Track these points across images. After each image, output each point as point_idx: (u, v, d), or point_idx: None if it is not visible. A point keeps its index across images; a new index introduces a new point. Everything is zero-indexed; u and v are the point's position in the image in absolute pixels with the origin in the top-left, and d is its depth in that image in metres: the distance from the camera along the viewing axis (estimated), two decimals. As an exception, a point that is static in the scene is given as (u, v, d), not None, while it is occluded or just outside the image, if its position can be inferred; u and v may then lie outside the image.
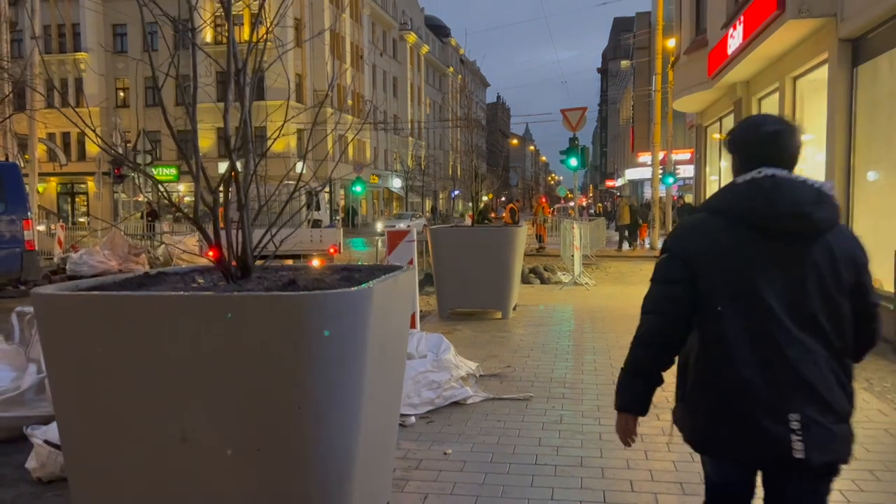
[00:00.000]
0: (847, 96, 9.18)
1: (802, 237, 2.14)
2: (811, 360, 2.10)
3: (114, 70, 44.04)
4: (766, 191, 2.15)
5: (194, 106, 2.92)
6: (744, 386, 2.11)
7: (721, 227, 2.21)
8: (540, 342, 8.02)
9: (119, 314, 2.62)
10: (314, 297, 2.57)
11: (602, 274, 16.18)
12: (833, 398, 2.11)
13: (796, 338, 2.10)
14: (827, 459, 2.10)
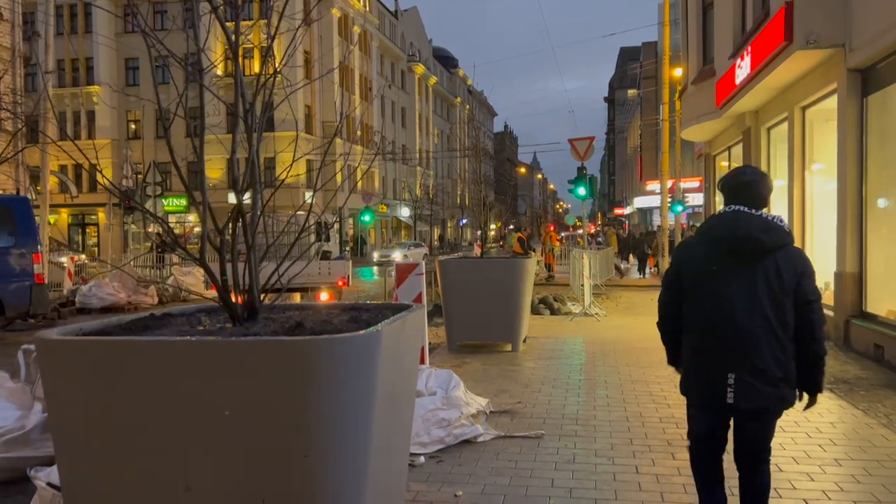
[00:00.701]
0: (857, 126, 9.13)
1: (754, 253, 3.16)
2: (753, 339, 3.12)
3: (126, 102, 44.59)
4: (729, 221, 3.23)
5: (201, 147, 2.89)
6: (705, 351, 3.24)
7: (702, 245, 3.33)
8: (551, 376, 7.91)
9: (122, 360, 2.56)
10: (321, 342, 2.51)
11: (612, 304, 16.05)
12: (766, 367, 3.12)
13: (744, 323, 3.13)
14: (750, 406, 3.16)
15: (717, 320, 3.18)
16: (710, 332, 3.21)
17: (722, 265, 3.21)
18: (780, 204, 13.08)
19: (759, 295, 3.13)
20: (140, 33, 3.14)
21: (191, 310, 3.58)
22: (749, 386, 3.13)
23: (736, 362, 3.14)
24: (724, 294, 3.17)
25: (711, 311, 3.20)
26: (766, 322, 3.11)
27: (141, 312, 3.35)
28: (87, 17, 46.11)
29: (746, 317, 3.12)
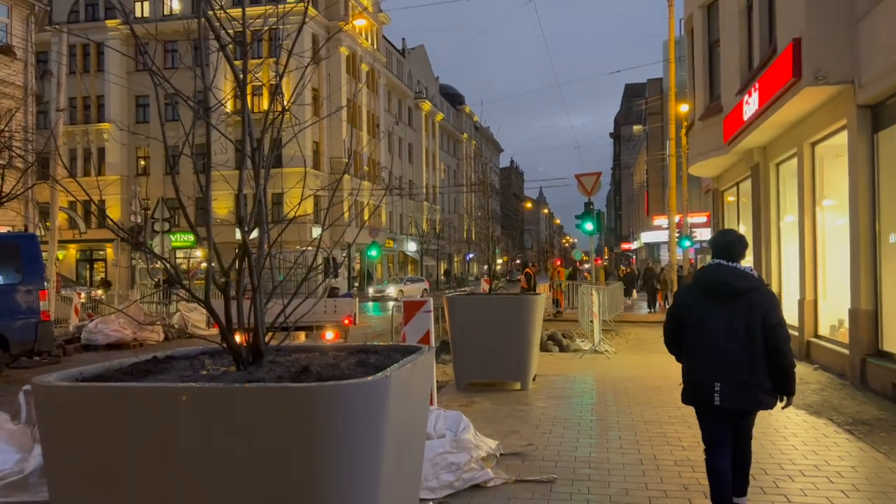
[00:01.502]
0: (868, 163, 9.07)
1: (730, 295, 4.23)
2: (729, 357, 4.15)
3: (135, 139, 45.08)
4: (712, 272, 4.38)
5: (208, 185, 2.83)
6: (697, 369, 4.30)
7: (694, 288, 4.48)
8: (562, 416, 7.74)
9: (122, 407, 2.47)
10: (328, 389, 2.41)
11: (622, 341, 15.86)
12: (740, 377, 4.13)
13: (725, 346, 4.17)
14: (734, 407, 4.18)
15: (706, 344, 4.26)
16: (700, 353, 4.30)
17: (708, 303, 4.32)
18: (790, 240, 12.98)
19: (735, 325, 4.18)
20: (148, 72, 3.11)
21: (194, 352, 3.49)
22: (731, 392, 4.17)
23: (720, 375, 4.19)
24: (709, 325, 4.27)
25: (700, 338, 4.30)
26: (741, 345, 4.16)
27: (143, 355, 3.26)
28: (99, 56, 46.86)
29: (726, 341, 4.19)
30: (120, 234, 3.38)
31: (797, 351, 11.82)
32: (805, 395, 8.74)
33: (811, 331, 11.43)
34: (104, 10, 46.92)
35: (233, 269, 3.06)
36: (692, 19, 16.78)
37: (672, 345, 4.59)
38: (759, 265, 14.10)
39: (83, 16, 46.87)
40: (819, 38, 9.13)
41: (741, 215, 16.63)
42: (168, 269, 3.55)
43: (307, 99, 38.55)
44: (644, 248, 57.99)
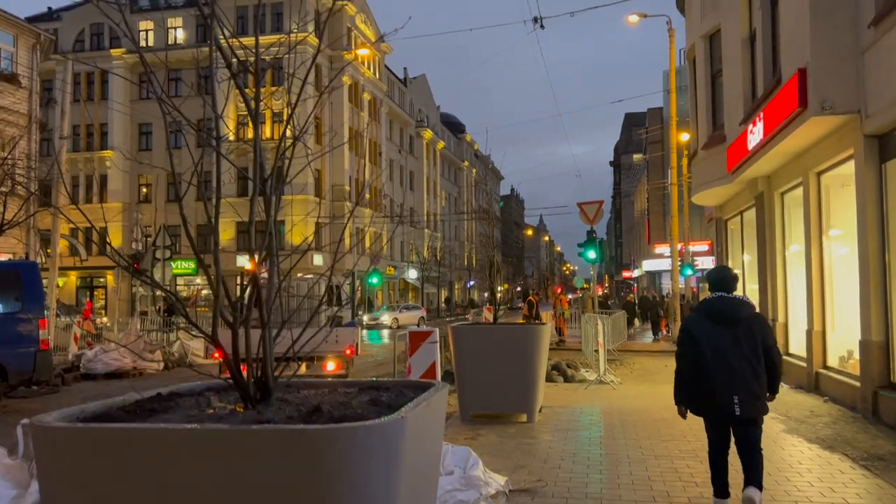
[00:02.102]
0: (877, 193, 9.01)
1: (733, 321, 5.01)
2: (742, 373, 4.89)
3: (137, 167, 45.24)
4: (715, 303, 5.17)
5: (217, 218, 2.75)
6: (712, 384, 4.95)
7: (702, 317, 5.19)
8: (570, 450, 7.58)
9: (126, 449, 2.36)
10: (342, 431, 2.30)
11: (627, 371, 15.68)
12: (752, 390, 4.90)
13: (734, 364, 4.92)
14: (749, 415, 4.92)
15: (720, 364, 4.98)
16: (716, 371, 4.99)
17: (716, 328, 5.08)
18: (796, 269, 12.89)
19: (741, 346, 5.01)
20: (156, 100, 3.05)
21: (199, 388, 3.37)
22: (746, 402, 4.94)
23: (737, 388, 4.94)
24: (720, 347, 5.02)
25: (713, 358, 5.01)
26: (748, 363, 4.98)
27: (146, 391, 3.15)
28: (103, 84, 47.23)
29: (736, 360, 4.98)
30: (120, 261, 3.29)
31: (805, 382, 11.66)
32: (817, 429, 8.58)
33: (820, 362, 11.28)
34: (109, 39, 47.40)
35: (241, 302, 2.96)
36: (694, 49, 16.87)
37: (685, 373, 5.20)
38: (765, 294, 13.99)
39: (88, 45, 47.33)
40: (825, 68, 9.13)
41: (745, 244, 16.55)
42: (171, 300, 3.45)
43: (310, 128, 38.82)
44: (646, 276, 57.85)
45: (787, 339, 13.27)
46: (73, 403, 10.29)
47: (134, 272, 23.81)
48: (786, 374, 12.86)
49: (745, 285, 16.65)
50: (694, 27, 16.84)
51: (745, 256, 16.64)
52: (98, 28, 47.62)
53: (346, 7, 46.39)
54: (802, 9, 9.62)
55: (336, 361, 12.07)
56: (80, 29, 47.46)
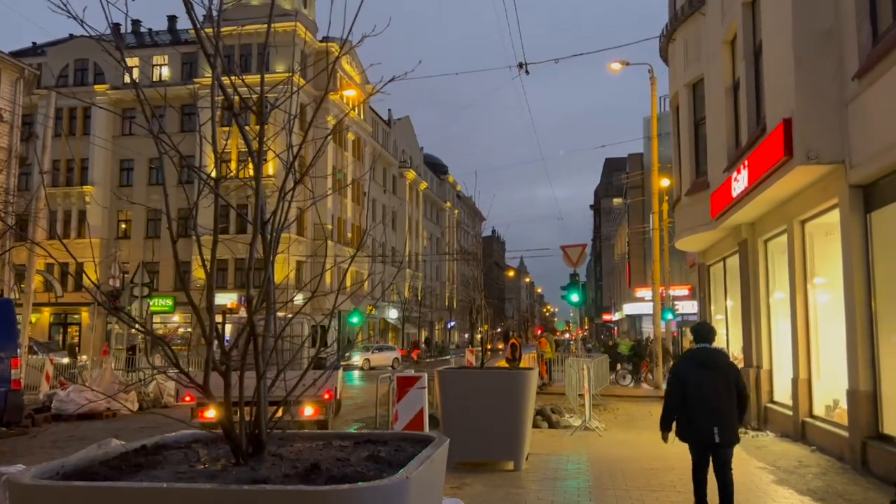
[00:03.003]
0: (862, 243, 9.07)
1: (712, 366, 6.47)
2: (720, 409, 6.31)
3: (117, 202, 44.88)
4: (699, 352, 6.66)
5: (213, 262, 2.63)
6: (697, 417, 6.33)
7: (690, 363, 6.66)
8: (559, 501, 7.40)
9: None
10: (345, 493, 2.16)
11: (611, 416, 15.51)
12: (729, 422, 6.32)
13: (713, 403, 6.32)
14: (726, 441, 6.30)
15: (703, 401, 6.38)
16: (699, 406, 6.39)
17: (700, 371, 6.52)
18: (780, 317, 12.92)
19: (719, 386, 6.41)
20: (151, 136, 2.95)
21: (186, 439, 3.21)
22: (724, 431, 6.32)
23: (717, 421, 6.32)
24: (704, 387, 6.41)
25: (698, 396, 6.40)
26: (726, 400, 6.41)
27: (129, 444, 2.98)
28: (86, 119, 47.07)
29: (717, 399, 6.38)
30: (98, 297, 3.15)
31: (792, 431, 11.58)
32: (808, 480, 8.47)
33: (806, 410, 11.21)
34: (93, 74, 47.42)
35: (236, 350, 2.83)
36: (678, 97, 17.15)
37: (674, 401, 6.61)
38: (749, 341, 13.98)
39: (72, 80, 47.27)
40: (810, 118, 9.26)
41: (728, 290, 16.61)
42: (157, 341, 3.30)
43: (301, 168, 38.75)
44: (626, 319, 57.96)
45: (772, 386, 13.22)
46: (44, 446, 9.92)
47: (111, 309, 23.36)
48: (771, 422, 12.80)
49: (729, 331, 16.67)
50: (677, 76, 17.15)
51: (729, 302, 16.68)
52: (82, 64, 47.65)
53: (332, 48, 46.90)
54: (787, 60, 9.80)
55: (314, 406, 11.59)
56: (64, 64, 47.44)
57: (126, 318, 3.35)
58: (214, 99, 2.60)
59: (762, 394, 13.27)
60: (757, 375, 13.40)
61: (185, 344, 33.50)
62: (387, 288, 48.94)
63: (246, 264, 2.66)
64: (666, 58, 18.28)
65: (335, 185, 46.42)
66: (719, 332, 17.93)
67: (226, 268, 41.63)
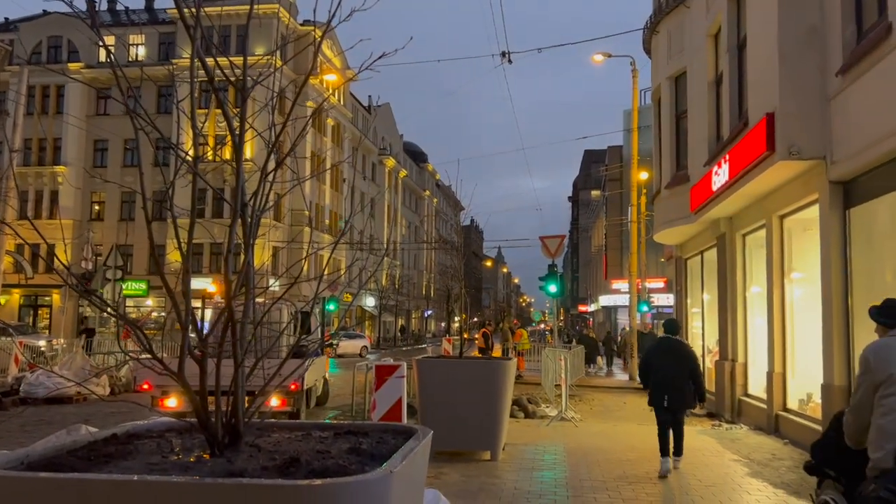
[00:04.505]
0: (841, 239, 9.13)
1: (674, 353, 8.60)
2: (674, 384, 8.48)
3: (90, 183, 44.07)
4: (665, 341, 8.90)
5: (190, 244, 2.52)
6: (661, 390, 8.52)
7: (658, 350, 8.91)
8: (536, 491, 7.37)
9: (79, 502, 2.08)
10: (326, 488, 2.07)
11: (587, 407, 15.59)
12: (678, 394, 8.48)
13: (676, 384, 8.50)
14: (674, 408, 8.56)
15: (665, 380, 8.43)
16: (663, 383, 8.45)
17: (665, 356, 8.51)
18: (756, 311, 13.02)
19: (678, 368, 8.40)
20: (128, 115, 2.81)
21: (159, 428, 3.09)
22: (675, 399, 8.40)
23: (669, 392, 8.38)
24: (666, 369, 8.42)
25: (662, 376, 8.44)
26: (679, 379, 8.38)
27: (99, 432, 2.87)
28: (59, 98, 46.10)
29: (676, 378, 8.41)
30: (69, 280, 3.01)
31: (765, 424, 11.69)
32: (781, 473, 8.54)
33: (780, 404, 11.32)
34: (67, 52, 46.39)
35: (212, 336, 2.72)
36: (660, 90, 17.15)
37: (644, 377, 9.07)
38: (725, 335, 14.09)
39: (45, 57, 46.20)
40: (792, 113, 9.28)
41: (705, 283, 16.72)
42: (130, 326, 3.17)
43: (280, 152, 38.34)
44: (602, 310, 58.33)
45: (747, 380, 13.34)
46: (11, 430, 9.65)
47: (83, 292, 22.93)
48: (745, 415, 12.92)
49: (705, 325, 16.80)
50: (660, 68, 17.14)
51: (705, 296, 16.80)
52: (56, 41, 46.59)
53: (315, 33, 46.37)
54: (771, 54, 9.80)
55: (280, 398, 11.16)
56: (37, 41, 46.33)
57: (98, 301, 3.21)
58: (194, 71, 2.47)
59: (737, 387, 13.39)
60: (732, 369, 13.51)
61: (158, 328, 33.07)
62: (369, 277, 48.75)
63: (224, 247, 2.55)
64: (649, 50, 18.27)
65: (314, 169, 46.02)
66: (695, 325, 18.13)
67: (201, 252, 41.15)
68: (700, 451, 9.96)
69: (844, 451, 4.20)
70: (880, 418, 3.84)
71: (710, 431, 11.97)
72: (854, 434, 4.10)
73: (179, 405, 10.35)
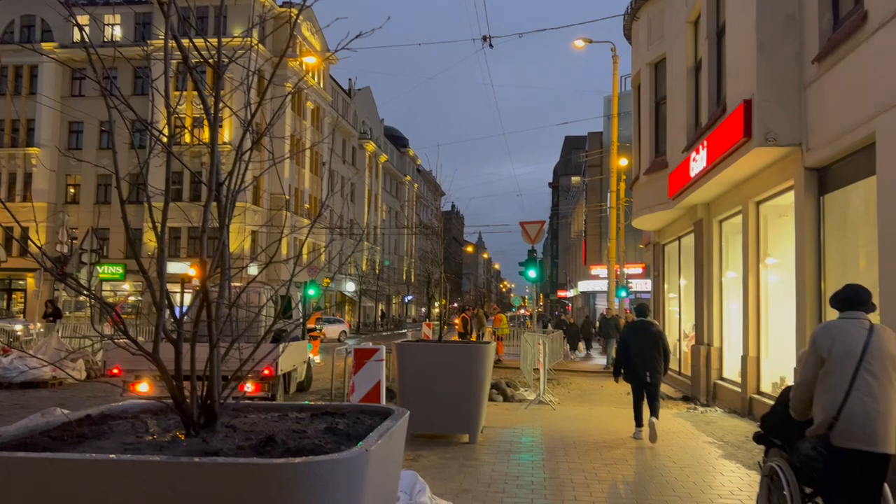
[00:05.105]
0: (815, 224, 9.25)
1: (646, 332, 9.61)
2: (651, 359, 9.45)
3: (66, 166, 43.38)
4: (637, 323, 9.90)
5: (164, 224, 2.49)
6: (634, 365, 9.52)
7: (632, 330, 9.86)
8: (513, 473, 7.44)
9: (51, 483, 2.07)
10: (302, 467, 2.08)
11: (564, 391, 15.72)
12: (655, 369, 9.45)
13: (648, 354, 9.47)
14: (654, 381, 9.46)
15: (640, 356, 9.43)
16: (637, 359, 9.44)
17: (639, 337, 9.54)
18: (732, 296, 13.18)
19: (650, 346, 9.43)
20: (101, 95, 2.77)
21: (134, 409, 3.08)
22: (652, 375, 9.38)
23: (648, 368, 9.37)
24: (639, 347, 9.47)
25: (636, 353, 9.45)
26: (656, 355, 9.43)
27: (73, 413, 2.85)
28: (32, 78, 45.23)
29: (649, 355, 9.41)
30: (43, 262, 2.98)
31: (739, 407, 11.88)
32: (754, 455, 8.67)
33: (754, 387, 11.50)
34: (41, 31, 45.48)
35: (187, 317, 2.71)
36: (639, 76, 17.21)
37: (622, 355, 9.77)
38: (701, 319, 14.26)
39: (18, 36, 45.26)
40: (769, 100, 9.36)
41: (682, 269, 16.88)
42: (105, 308, 3.14)
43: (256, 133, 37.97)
44: (581, 296, 58.70)
45: (722, 364, 13.52)
46: (-16, 416, 9.37)
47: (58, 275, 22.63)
48: (720, 398, 13.11)
49: (682, 310, 16.99)
50: (640, 54, 17.19)
51: (682, 281, 16.97)
52: (29, 20, 45.64)
53: (292, 13, 45.82)
54: (748, 42, 9.86)
55: (254, 383, 11.00)
56: (9, 20, 45.37)
57: (74, 284, 3.18)
58: (168, 48, 2.44)
59: (712, 371, 13.58)
60: (707, 353, 13.69)
61: (135, 312, 32.77)
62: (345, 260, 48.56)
63: (200, 227, 2.53)
64: (630, 36, 18.30)
65: (293, 151, 45.67)
66: (672, 310, 18.32)
67: (179, 236, 40.77)
68: (675, 433, 10.11)
69: (789, 422, 4.61)
70: (822, 393, 4.24)
71: (685, 414, 12.15)
72: (799, 406, 4.49)
73: (151, 390, 10.24)
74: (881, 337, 4.24)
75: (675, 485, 7.16)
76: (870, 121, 7.50)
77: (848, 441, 4.10)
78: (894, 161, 7.09)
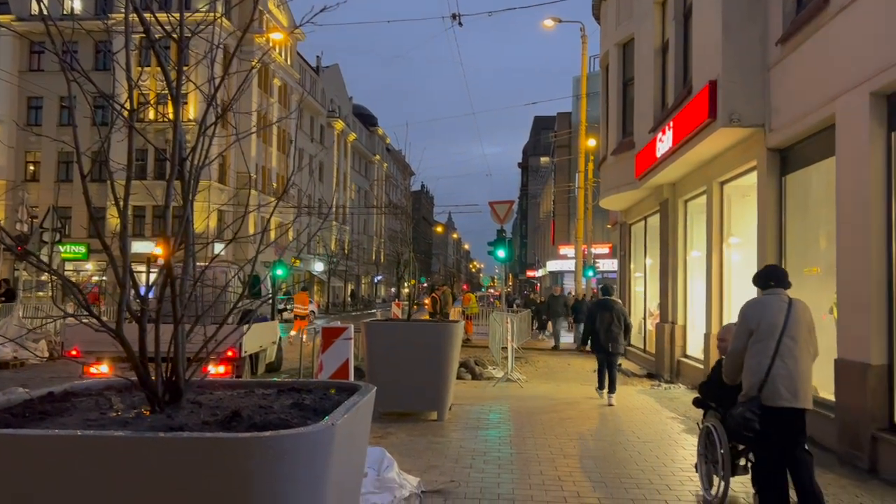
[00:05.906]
0: (777, 204, 9.44)
1: (610, 309, 11.19)
2: (614, 333, 11.02)
3: (25, 142, 42.27)
4: (604, 301, 11.48)
5: (126, 199, 2.47)
6: (599, 337, 11.13)
7: (597, 307, 11.50)
8: (481, 449, 7.54)
9: (12, 460, 2.06)
10: (267, 440, 2.09)
11: (532, 369, 15.90)
12: (617, 341, 11.05)
13: (611, 331, 11.02)
14: (614, 352, 11.07)
15: (604, 329, 11.02)
16: (602, 332, 11.02)
17: (603, 313, 11.12)
18: (696, 274, 13.42)
19: (613, 320, 11.01)
20: (62, 70, 2.72)
21: (98, 386, 3.06)
22: (614, 345, 10.99)
23: (610, 340, 10.97)
24: (603, 321, 11.05)
25: (601, 326, 11.04)
26: (616, 329, 11.00)
27: (36, 390, 2.82)
28: (-12, 52, 43.84)
29: (611, 328, 10.99)
30: (3, 241, 2.93)
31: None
32: (715, 429, 8.91)
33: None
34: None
35: (150, 294, 2.69)
36: (608, 56, 17.27)
37: (588, 329, 11.31)
38: (665, 298, 14.49)
39: (-28, 8, 43.74)
40: (734, 81, 9.49)
41: (648, 248, 17.11)
42: (68, 285, 3.10)
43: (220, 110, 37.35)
44: (549, 276, 59.19)
45: (686, 341, 13.78)
46: (-57, 397, 9.17)
47: (19, 254, 22.16)
48: (683, 375, 13.38)
49: (647, 289, 17.24)
50: (609, 35, 17.24)
51: (648, 260, 17.21)
52: (-16, -9, 44.11)
53: (259, -11, 44.94)
54: (715, 23, 9.96)
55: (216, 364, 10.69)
56: (-37, -10, 43.81)
57: (35, 262, 3.12)
58: (129, 20, 2.40)
59: (676, 348, 13.84)
60: (672, 331, 13.94)
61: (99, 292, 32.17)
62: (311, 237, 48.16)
63: (163, 202, 2.50)
64: (599, 16, 18.34)
65: (260, 127, 45.09)
66: (637, 289, 18.59)
67: (143, 214, 40.09)
68: (639, 409, 10.31)
69: (723, 387, 5.36)
70: (750, 359, 4.87)
71: (649, 391, 12.39)
72: (731, 373, 5.19)
73: (111, 373, 10.00)
74: (798, 309, 4.93)
75: (639, 458, 7.32)
76: (830, 102, 7.65)
77: (776, 400, 4.70)
78: (852, 142, 7.26)
